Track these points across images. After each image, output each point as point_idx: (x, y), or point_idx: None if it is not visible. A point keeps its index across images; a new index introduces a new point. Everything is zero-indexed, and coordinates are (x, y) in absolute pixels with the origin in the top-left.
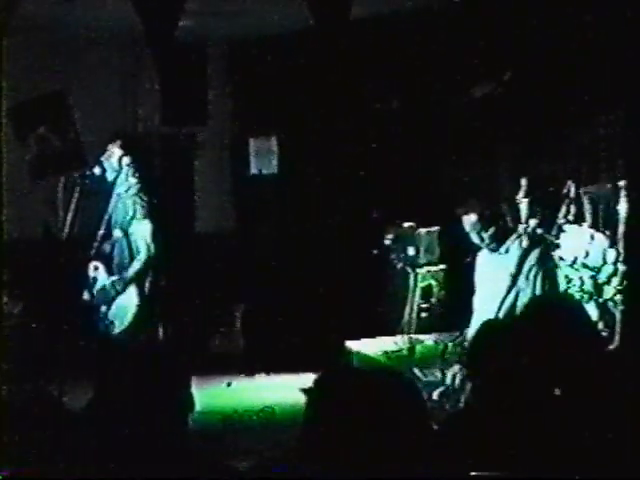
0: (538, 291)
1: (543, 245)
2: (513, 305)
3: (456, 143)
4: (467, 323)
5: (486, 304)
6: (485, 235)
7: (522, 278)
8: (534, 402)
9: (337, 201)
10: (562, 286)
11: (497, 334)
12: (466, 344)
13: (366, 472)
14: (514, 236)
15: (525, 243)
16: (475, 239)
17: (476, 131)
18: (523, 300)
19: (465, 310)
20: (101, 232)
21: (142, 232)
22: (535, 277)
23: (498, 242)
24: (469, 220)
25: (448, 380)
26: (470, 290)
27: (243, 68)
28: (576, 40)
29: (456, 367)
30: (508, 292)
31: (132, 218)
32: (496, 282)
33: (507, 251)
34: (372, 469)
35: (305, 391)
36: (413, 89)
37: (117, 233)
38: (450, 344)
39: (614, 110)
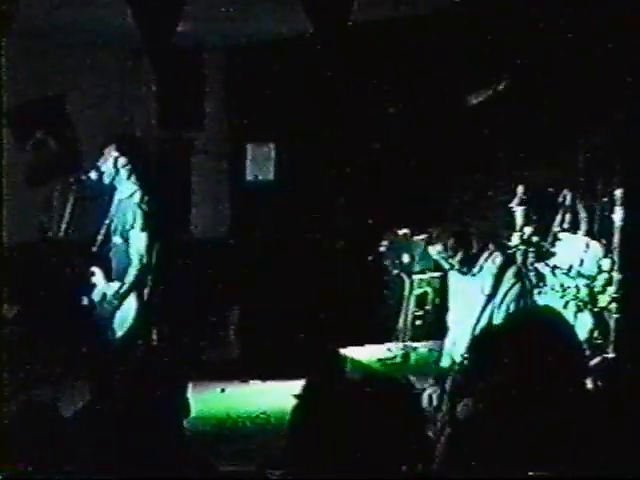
0: (512, 308)
1: (519, 262)
2: (489, 324)
3: (453, 150)
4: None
5: (460, 323)
6: (454, 261)
7: (498, 297)
8: (524, 413)
9: (333, 208)
10: (554, 296)
11: (484, 346)
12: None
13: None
14: (486, 254)
15: (499, 260)
16: (445, 265)
17: (473, 139)
18: (498, 318)
19: None
20: (100, 237)
21: (142, 239)
22: (510, 295)
23: (468, 266)
24: (434, 250)
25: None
26: (445, 307)
27: (241, 74)
28: (574, 48)
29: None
30: (483, 311)
31: (133, 225)
32: (470, 301)
33: (481, 270)
34: (363, 476)
35: (296, 397)
36: (411, 96)
37: (117, 239)
38: (444, 352)
39: (611, 118)
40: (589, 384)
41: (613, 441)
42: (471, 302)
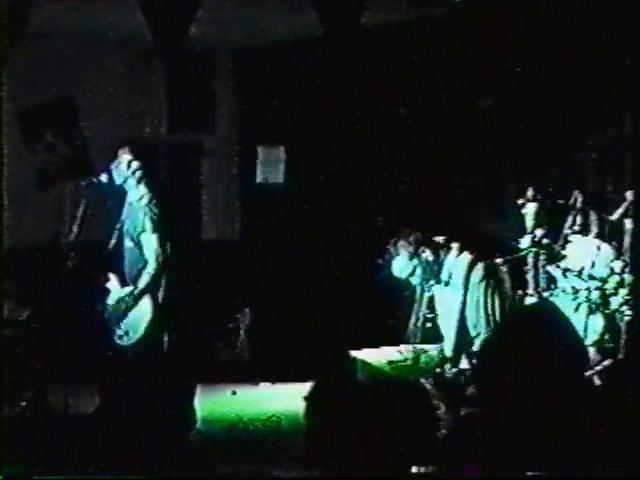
0: (488, 308)
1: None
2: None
3: (464, 154)
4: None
5: (446, 329)
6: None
7: (471, 299)
8: (531, 412)
9: (343, 210)
10: (565, 298)
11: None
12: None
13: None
14: (451, 258)
15: (466, 262)
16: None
17: (483, 141)
18: (477, 321)
19: None
20: (113, 241)
21: (152, 242)
22: (482, 294)
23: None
24: (399, 250)
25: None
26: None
27: (252, 76)
28: (584, 50)
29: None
30: (460, 317)
31: (143, 228)
32: (448, 307)
33: (450, 276)
34: (374, 474)
35: (305, 398)
36: (422, 99)
37: (128, 243)
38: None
39: (621, 120)
40: (598, 384)
41: (619, 442)
42: (449, 308)
